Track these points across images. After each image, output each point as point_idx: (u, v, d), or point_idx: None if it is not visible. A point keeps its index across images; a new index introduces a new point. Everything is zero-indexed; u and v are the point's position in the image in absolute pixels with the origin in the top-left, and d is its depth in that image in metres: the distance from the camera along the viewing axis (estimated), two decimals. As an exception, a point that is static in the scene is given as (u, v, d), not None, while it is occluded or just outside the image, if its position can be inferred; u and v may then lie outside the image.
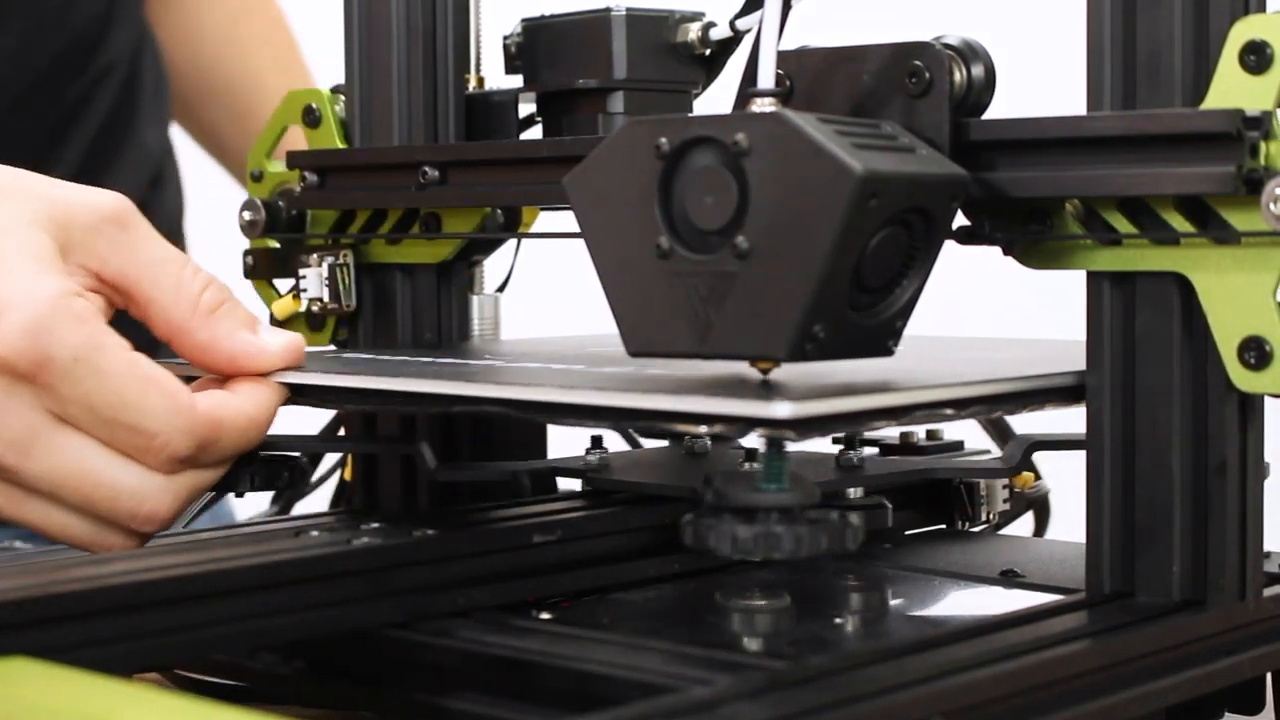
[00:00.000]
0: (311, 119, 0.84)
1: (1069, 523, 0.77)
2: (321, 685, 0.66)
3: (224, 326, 0.68)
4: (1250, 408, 0.64)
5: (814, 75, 0.68)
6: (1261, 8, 0.62)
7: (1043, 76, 1.15)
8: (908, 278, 0.64)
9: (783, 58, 0.66)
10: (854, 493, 0.78)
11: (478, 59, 0.83)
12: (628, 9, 0.76)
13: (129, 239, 0.67)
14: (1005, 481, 0.84)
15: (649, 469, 0.82)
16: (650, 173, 0.62)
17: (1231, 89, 0.61)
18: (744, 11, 0.74)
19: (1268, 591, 0.65)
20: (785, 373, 0.63)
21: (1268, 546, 0.66)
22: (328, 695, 0.66)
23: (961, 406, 0.63)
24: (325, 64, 0.97)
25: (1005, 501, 0.85)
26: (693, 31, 0.77)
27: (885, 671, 0.54)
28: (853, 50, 0.68)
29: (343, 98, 0.84)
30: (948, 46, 0.66)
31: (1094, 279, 0.65)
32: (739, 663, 0.59)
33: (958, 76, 0.66)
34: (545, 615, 0.66)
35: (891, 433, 0.88)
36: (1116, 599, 0.64)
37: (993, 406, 0.66)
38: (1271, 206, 0.60)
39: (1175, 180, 0.62)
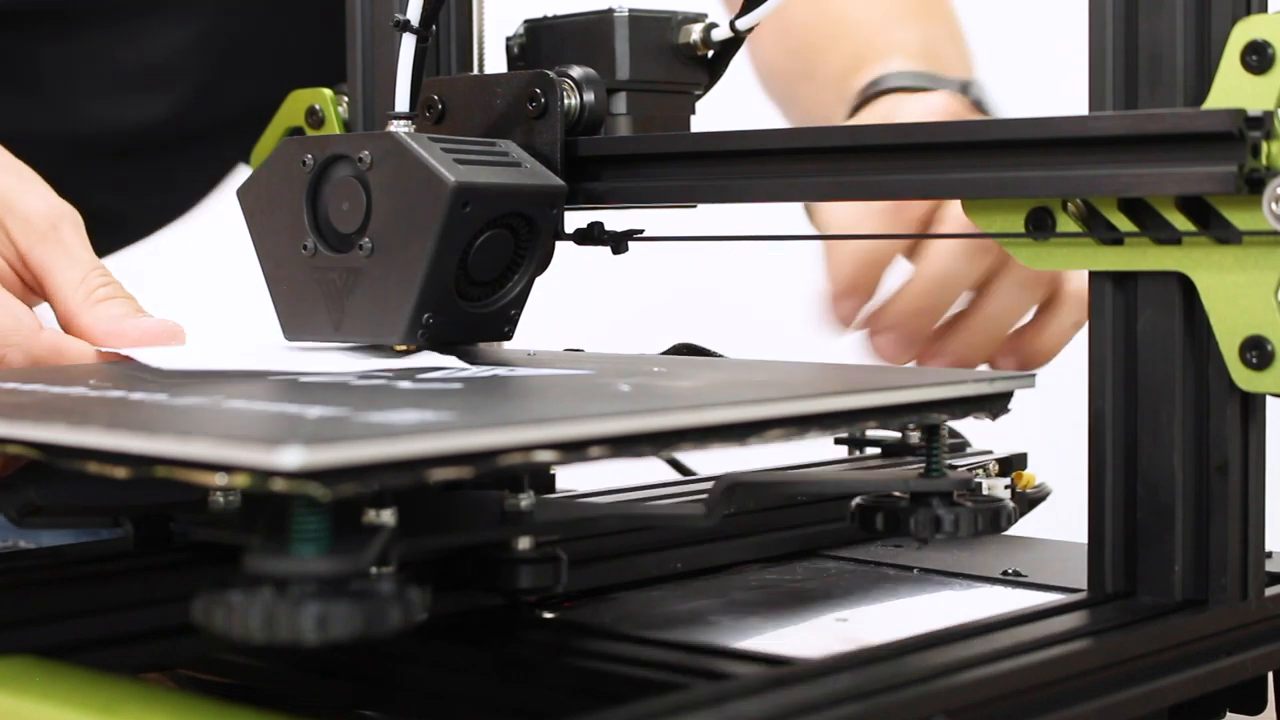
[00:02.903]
0: (314, 119, 0.84)
1: (1071, 523, 0.77)
2: (321, 685, 0.66)
3: (105, 311, 0.75)
4: (1252, 407, 0.64)
5: (462, 99, 0.78)
6: (1263, 8, 0.62)
7: (1045, 76, 1.15)
8: (518, 272, 0.74)
9: (439, 84, 0.78)
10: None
11: (480, 59, 0.83)
12: (630, 10, 0.76)
13: (57, 240, 0.76)
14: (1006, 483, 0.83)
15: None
16: (301, 183, 0.73)
17: (1233, 89, 0.61)
18: (744, 12, 0.74)
19: (1269, 591, 0.65)
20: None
21: (1269, 546, 0.66)
22: (328, 695, 0.66)
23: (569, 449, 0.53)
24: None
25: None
26: (695, 32, 0.77)
27: (888, 670, 0.54)
28: (494, 77, 0.77)
29: (345, 98, 0.84)
30: (564, 75, 0.75)
31: (1096, 278, 0.65)
32: (741, 661, 0.59)
33: (571, 101, 0.75)
34: (547, 614, 0.66)
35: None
36: (1118, 598, 0.64)
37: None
38: (1273, 206, 0.60)
39: (1177, 180, 0.62)
